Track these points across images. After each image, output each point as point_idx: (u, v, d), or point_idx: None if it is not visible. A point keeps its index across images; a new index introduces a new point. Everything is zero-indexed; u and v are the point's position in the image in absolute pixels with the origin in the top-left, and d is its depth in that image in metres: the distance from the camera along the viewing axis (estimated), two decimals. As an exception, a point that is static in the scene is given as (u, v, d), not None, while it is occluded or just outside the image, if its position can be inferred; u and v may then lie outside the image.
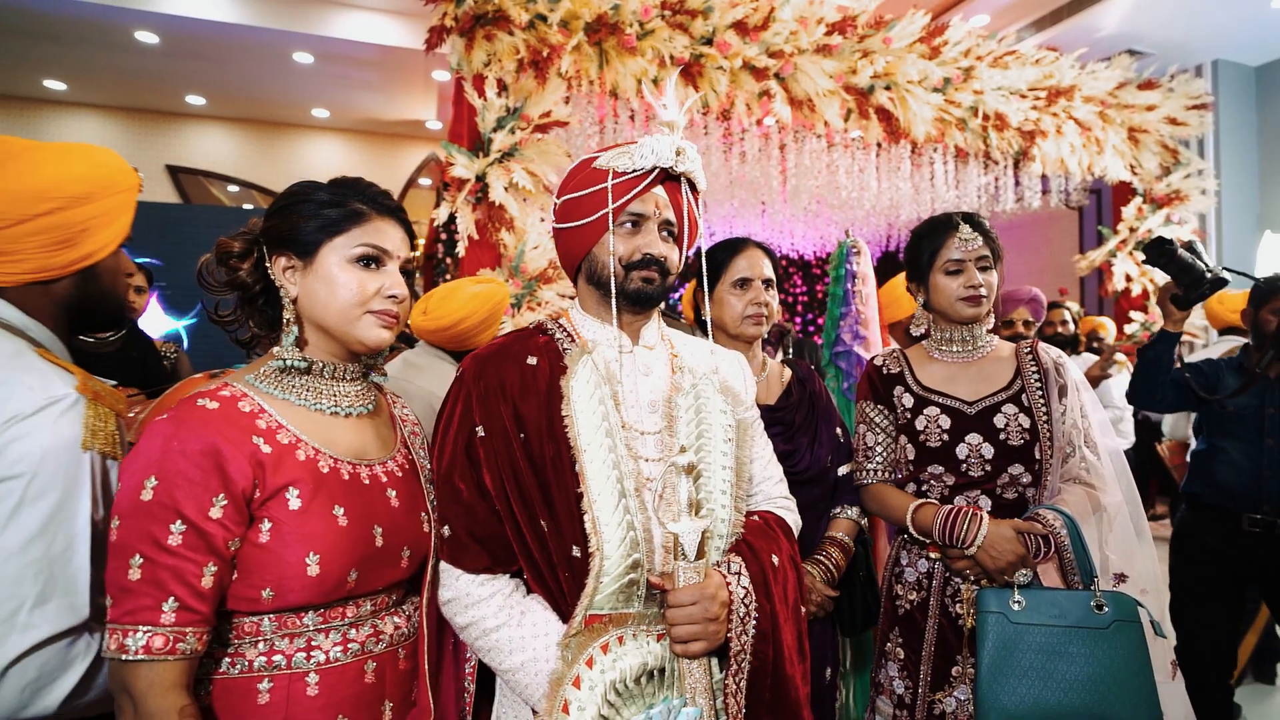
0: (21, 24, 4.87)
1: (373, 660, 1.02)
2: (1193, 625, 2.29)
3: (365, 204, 1.04)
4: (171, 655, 0.86)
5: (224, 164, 6.56)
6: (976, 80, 4.75)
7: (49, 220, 1.00)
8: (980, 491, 1.51)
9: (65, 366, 1.02)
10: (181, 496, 0.88)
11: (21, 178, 1.01)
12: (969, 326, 1.58)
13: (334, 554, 0.95)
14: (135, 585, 0.86)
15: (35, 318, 1.05)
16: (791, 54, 4.32)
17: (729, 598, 1.08)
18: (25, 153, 1.04)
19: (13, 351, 0.98)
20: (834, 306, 3.43)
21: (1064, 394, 1.50)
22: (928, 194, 5.36)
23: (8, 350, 0.98)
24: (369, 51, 5.36)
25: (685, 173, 1.18)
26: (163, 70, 5.57)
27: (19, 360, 0.97)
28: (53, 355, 1.03)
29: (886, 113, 4.59)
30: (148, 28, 4.95)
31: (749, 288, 1.65)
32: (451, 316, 2.03)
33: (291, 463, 0.96)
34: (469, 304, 2.05)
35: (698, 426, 1.19)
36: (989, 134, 4.87)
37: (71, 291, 1.07)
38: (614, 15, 4.00)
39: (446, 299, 2.07)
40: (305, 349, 1.06)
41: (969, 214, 1.55)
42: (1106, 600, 1.36)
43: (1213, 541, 2.26)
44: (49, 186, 1.01)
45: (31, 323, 1.05)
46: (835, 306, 3.43)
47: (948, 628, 1.51)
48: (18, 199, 0.99)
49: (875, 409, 1.64)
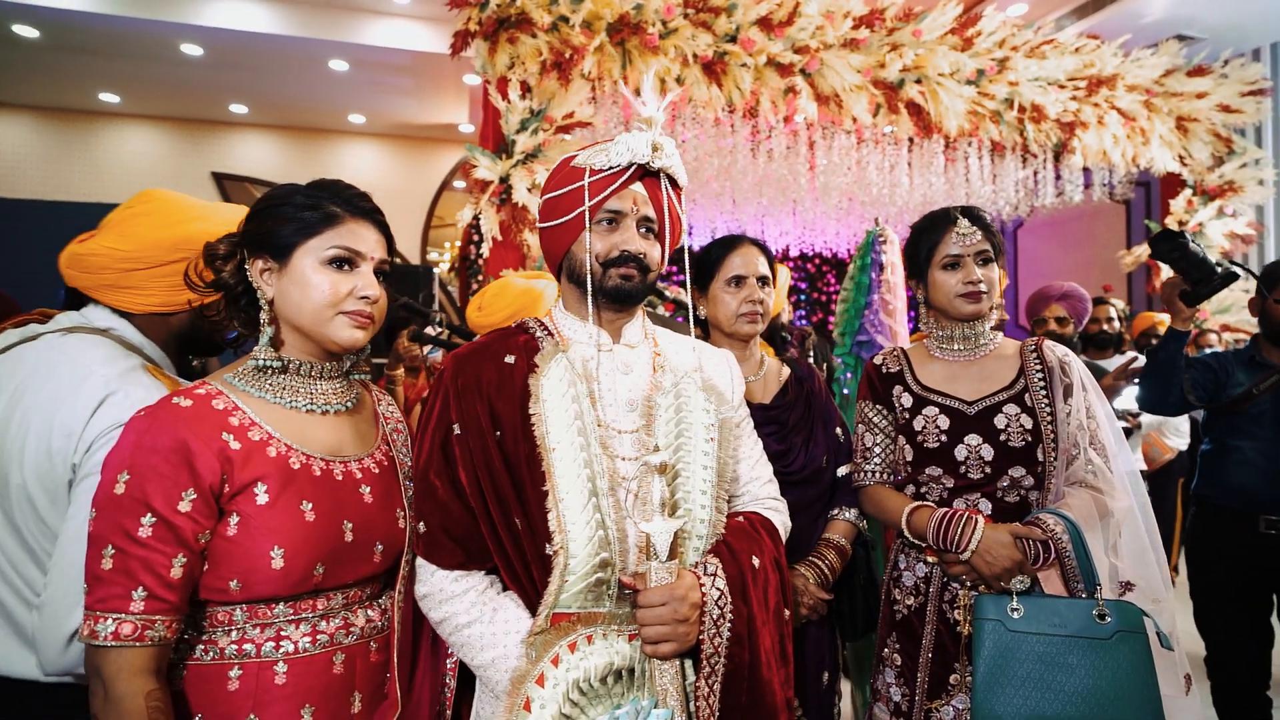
0: (79, 41, 5.13)
1: (342, 652, 1.04)
2: (1216, 635, 2.18)
3: (340, 206, 1.06)
4: (140, 642, 0.89)
5: (266, 170, 6.78)
6: (1012, 71, 4.60)
7: (179, 267, 1.16)
8: (980, 494, 1.46)
9: (167, 381, 1.19)
10: (151, 490, 0.91)
11: (166, 229, 1.21)
12: (970, 324, 1.53)
13: (299, 548, 0.97)
14: (107, 574, 0.90)
15: (151, 339, 1.25)
16: (817, 49, 4.26)
17: (701, 599, 1.06)
18: (171, 208, 1.25)
19: (128, 367, 1.17)
20: (858, 295, 3.35)
21: (1069, 394, 1.44)
22: (962, 189, 5.22)
23: (124, 365, 1.16)
24: (402, 58, 5.48)
25: (663, 168, 1.17)
26: (207, 81, 5.79)
27: (131, 375, 1.15)
28: (160, 371, 1.21)
29: (917, 107, 4.48)
30: (193, 40, 5.15)
31: (743, 285, 1.63)
32: (504, 311, 2.11)
33: (261, 459, 0.99)
34: (520, 298, 2.12)
35: (677, 426, 1.18)
36: (1025, 126, 4.71)
37: (185, 323, 1.27)
38: (636, 15, 4.00)
39: (499, 295, 2.16)
40: (283, 348, 1.08)
41: (968, 208, 1.50)
42: (1109, 609, 1.30)
43: (1227, 546, 2.14)
44: (185, 240, 1.19)
45: (147, 343, 1.24)
46: (860, 295, 3.35)
47: (945, 634, 1.46)
48: (158, 246, 1.20)
49: (874, 409, 1.60)
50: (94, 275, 1.21)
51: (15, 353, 1.18)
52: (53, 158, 6.27)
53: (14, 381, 1.13)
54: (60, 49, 5.23)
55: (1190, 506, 2.36)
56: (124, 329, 1.22)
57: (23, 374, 1.13)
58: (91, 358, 1.14)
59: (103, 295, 1.22)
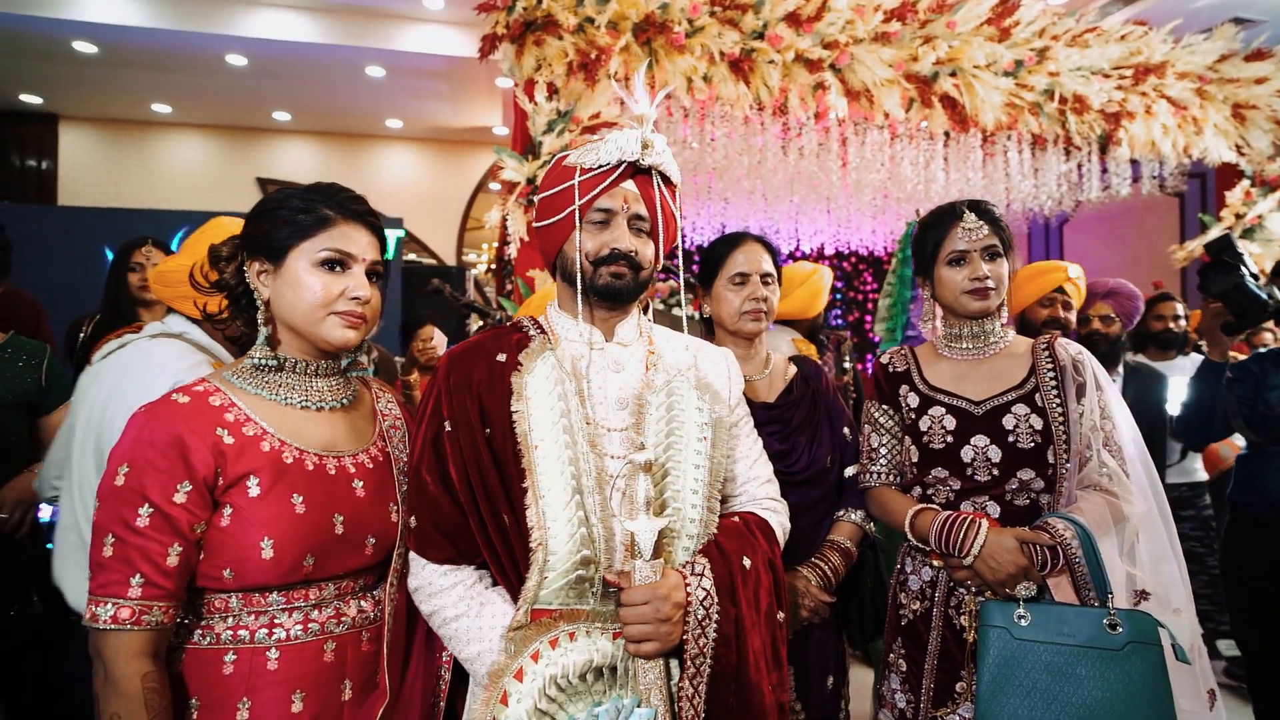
0: (133, 56, 5.37)
1: (333, 641, 1.07)
2: (1253, 650, 2.06)
3: (333, 209, 1.09)
4: (137, 626, 0.93)
5: (309, 175, 6.97)
6: (1052, 61, 4.44)
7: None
8: (988, 497, 1.42)
9: None
10: (149, 482, 0.95)
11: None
12: (979, 321, 1.49)
13: (289, 539, 1.01)
14: (107, 562, 0.94)
15: (218, 341, 1.49)
16: (846, 44, 4.19)
17: (685, 599, 1.06)
18: (226, 230, 1.38)
19: (195, 363, 1.41)
20: (902, 289, 3.28)
21: (1082, 393, 1.39)
22: (1001, 184, 5.08)
23: (191, 361, 1.41)
24: (436, 63, 5.58)
25: (654, 165, 1.17)
26: (251, 90, 6.00)
27: (197, 369, 1.38)
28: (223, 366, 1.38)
29: (951, 100, 4.37)
30: (237, 51, 5.34)
31: (747, 283, 1.61)
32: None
33: (254, 453, 1.02)
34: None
35: (668, 424, 1.17)
36: (1068, 118, 4.55)
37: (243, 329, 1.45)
38: (662, 14, 4.00)
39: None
40: (279, 347, 1.12)
41: (976, 201, 1.46)
42: (1121, 619, 1.25)
43: (1264, 556, 2.02)
44: None
45: (214, 344, 1.48)
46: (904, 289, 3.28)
47: (951, 640, 1.42)
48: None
49: (880, 409, 1.57)
50: (170, 288, 1.48)
51: (112, 357, 1.48)
52: (110, 166, 6.58)
53: (109, 377, 1.42)
54: (116, 63, 5.49)
55: (1225, 513, 2.24)
56: (195, 333, 1.48)
57: (115, 371, 1.43)
58: (165, 355, 1.41)
59: (178, 305, 1.49)
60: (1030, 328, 2.48)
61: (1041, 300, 2.50)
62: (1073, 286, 2.51)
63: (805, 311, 3.11)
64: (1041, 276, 2.52)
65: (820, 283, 3.10)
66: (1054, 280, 2.49)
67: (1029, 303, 2.52)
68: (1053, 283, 2.48)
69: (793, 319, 3.10)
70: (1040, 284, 2.51)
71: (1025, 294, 2.53)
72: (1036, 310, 2.50)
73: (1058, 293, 2.49)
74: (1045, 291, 2.49)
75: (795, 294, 3.08)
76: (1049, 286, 2.48)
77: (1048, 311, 2.49)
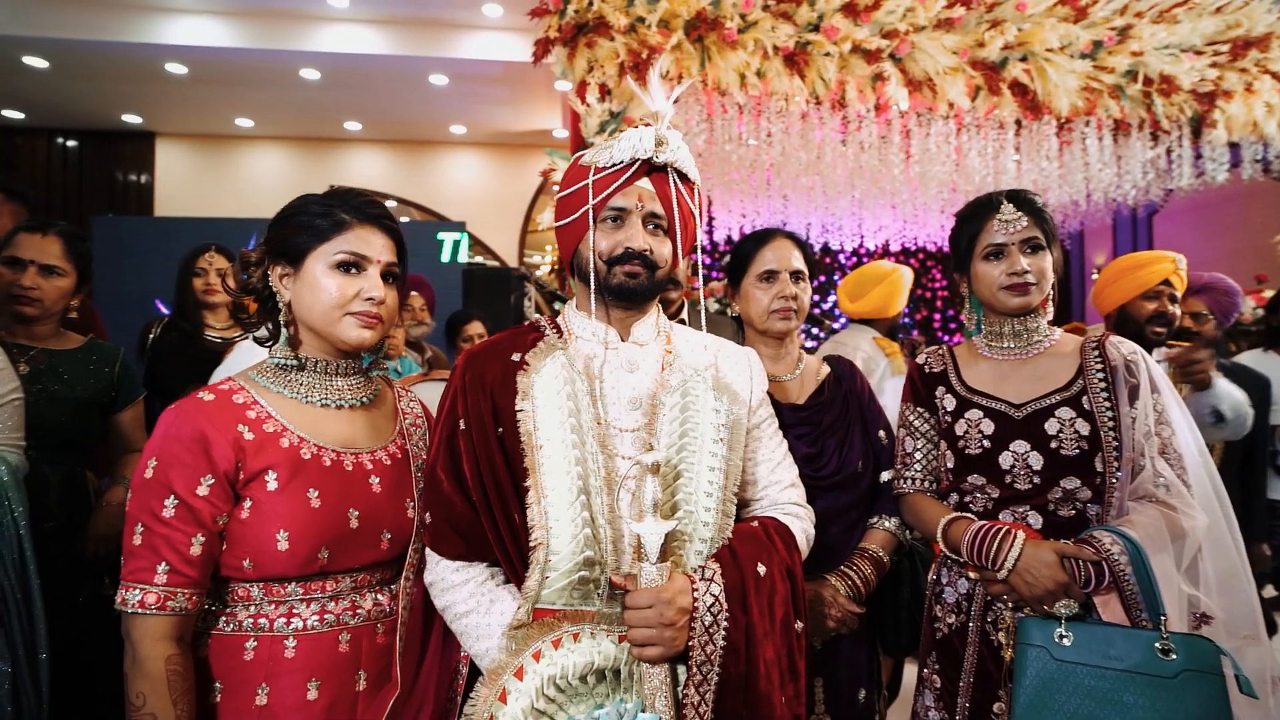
0: (219, 74, 5.74)
1: (347, 632, 1.10)
2: None
3: (348, 213, 1.13)
4: (162, 611, 0.99)
5: (379, 182, 7.29)
6: (1135, 41, 4.15)
7: None
8: (1029, 506, 1.33)
9: None
10: (174, 476, 1.01)
11: None
12: (1021, 319, 1.40)
13: (304, 532, 1.04)
14: (137, 549, 1.00)
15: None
16: (907, 32, 4.03)
17: (691, 604, 1.04)
18: None
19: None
20: None
21: (1135, 396, 1.28)
22: (1079, 173, 4.78)
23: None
24: (495, 69, 5.71)
25: (669, 163, 1.15)
26: (324, 102, 6.31)
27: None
28: None
29: (1022, 87, 4.15)
30: (311, 65, 5.62)
31: (775, 280, 1.57)
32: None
33: (273, 449, 1.07)
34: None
35: (682, 425, 1.16)
36: (1153, 100, 4.24)
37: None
38: (714, 10, 3.96)
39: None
40: (301, 348, 1.16)
41: (1016, 191, 1.37)
42: (1176, 644, 1.14)
43: None
44: None
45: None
46: None
47: (989, 657, 1.34)
48: None
49: (915, 412, 1.50)
50: None
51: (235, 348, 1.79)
52: (200, 179, 7.05)
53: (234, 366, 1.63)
54: (204, 82, 5.88)
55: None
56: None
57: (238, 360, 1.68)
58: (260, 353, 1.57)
59: None
60: (1132, 324, 2.28)
61: (1146, 294, 2.27)
62: (1179, 279, 2.28)
63: (883, 311, 3.08)
64: (1145, 268, 2.29)
65: (899, 282, 3.05)
66: (1160, 272, 2.25)
67: (1130, 297, 2.29)
68: (1159, 275, 2.25)
69: (871, 318, 3.07)
70: (1143, 276, 2.27)
71: (1125, 287, 2.30)
72: (1140, 306, 2.28)
73: (1164, 285, 2.26)
74: (1150, 285, 2.25)
75: (873, 293, 3.04)
76: (1154, 279, 2.25)
77: (1154, 306, 2.26)
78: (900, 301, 3.07)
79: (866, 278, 3.15)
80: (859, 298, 3.12)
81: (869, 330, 3.05)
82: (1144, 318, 2.27)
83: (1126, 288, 2.31)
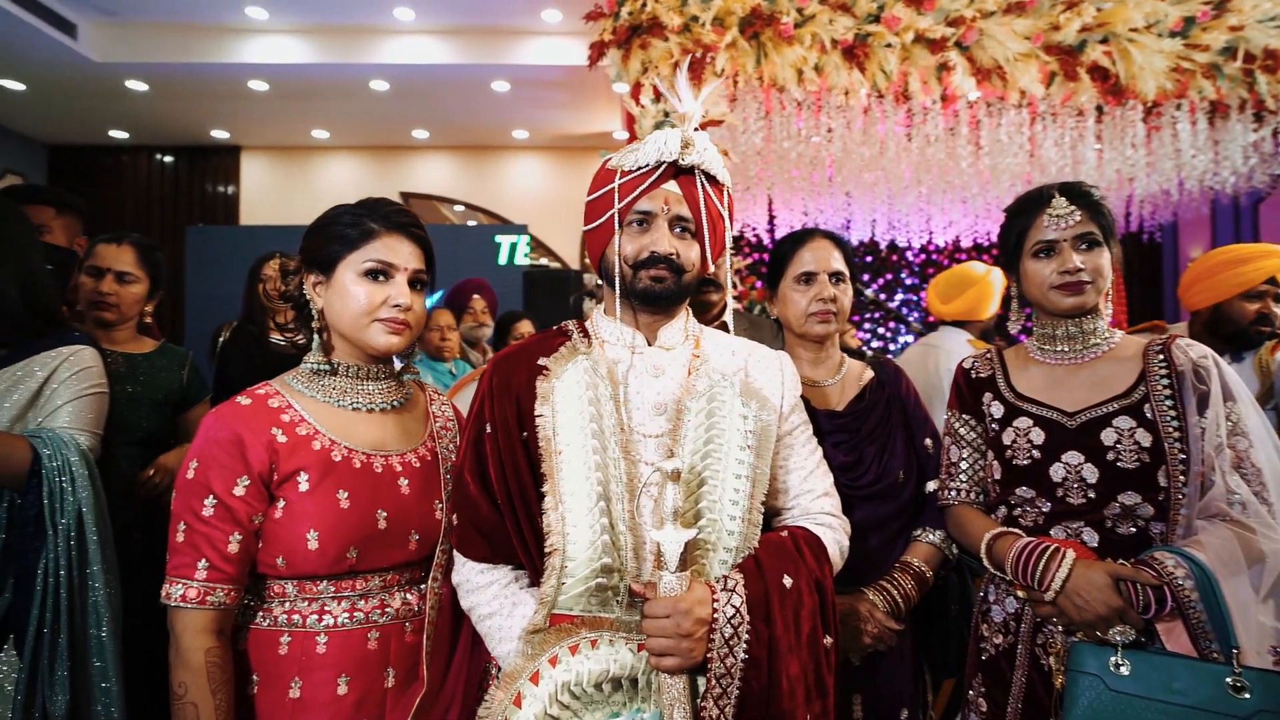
0: (296, 89, 6.05)
1: (376, 630, 1.13)
2: None
3: (377, 222, 1.16)
4: (202, 605, 1.04)
5: (447, 187, 7.52)
6: (1234, 15, 3.82)
7: None
8: (1083, 522, 1.24)
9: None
10: (213, 476, 1.06)
11: None
12: (1077, 321, 1.30)
13: (333, 532, 1.08)
14: (180, 546, 1.06)
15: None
16: (974, 19, 3.85)
17: (710, 615, 1.01)
18: None
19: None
20: None
21: (1205, 405, 1.17)
22: (1169, 160, 4.45)
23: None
24: (555, 73, 5.79)
25: (696, 165, 1.13)
26: (393, 111, 6.55)
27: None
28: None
29: (1102, 70, 3.89)
30: (380, 77, 5.85)
31: (814, 282, 1.52)
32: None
33: (305, 451, 1.11)
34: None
35: (707, 431, 1.14)
36: (1256, 79, 3.90)
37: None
38: (769, 6, 3.89)
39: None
40: (333, 353, 1.20)
41: (1070, 184, 1.28)
42: (1250, 681, 1.04)
43: None
44: None
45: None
46: None
47: (1038, 682, 1.26)
48: None
49: (960, 419, 1.42)
50: None
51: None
52: (280, 189, 7.45)
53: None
54: (283, 97, 6.20)
55: None
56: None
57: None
58: None
59: None
60: (1229, 325, 2.11)
61: (1248, 293, 2.09)
62: None
63: (973, 313, 3.03)
64: (1247, 264, 2.10)
65: (991, 285, 2.98)
66: (1264, 269, 2.08)
67: (1229, 295, 2.11)
68: (1264, 272, 2.08)
69: (962, 320, 3.00)
70: (1245, 274, 2.09)
71: (1223, 284, 2.12)
72: (1240, 306, 2.10)
73: (1269, 284, 2.08)
74: (1252, 283, 2.08)
75: (965, 295, 2.96)
76: (1258, 277, 2.08)
77: (1256, 307, 2.08)
78: (992, 305, 2.97)
79: (959, 280, 3.06)
80: (951, 299, 3.02)
81: (963, 333, 2.97)
82: (1246, 319, 2.08)
83: (1225, 284, 2.12)
